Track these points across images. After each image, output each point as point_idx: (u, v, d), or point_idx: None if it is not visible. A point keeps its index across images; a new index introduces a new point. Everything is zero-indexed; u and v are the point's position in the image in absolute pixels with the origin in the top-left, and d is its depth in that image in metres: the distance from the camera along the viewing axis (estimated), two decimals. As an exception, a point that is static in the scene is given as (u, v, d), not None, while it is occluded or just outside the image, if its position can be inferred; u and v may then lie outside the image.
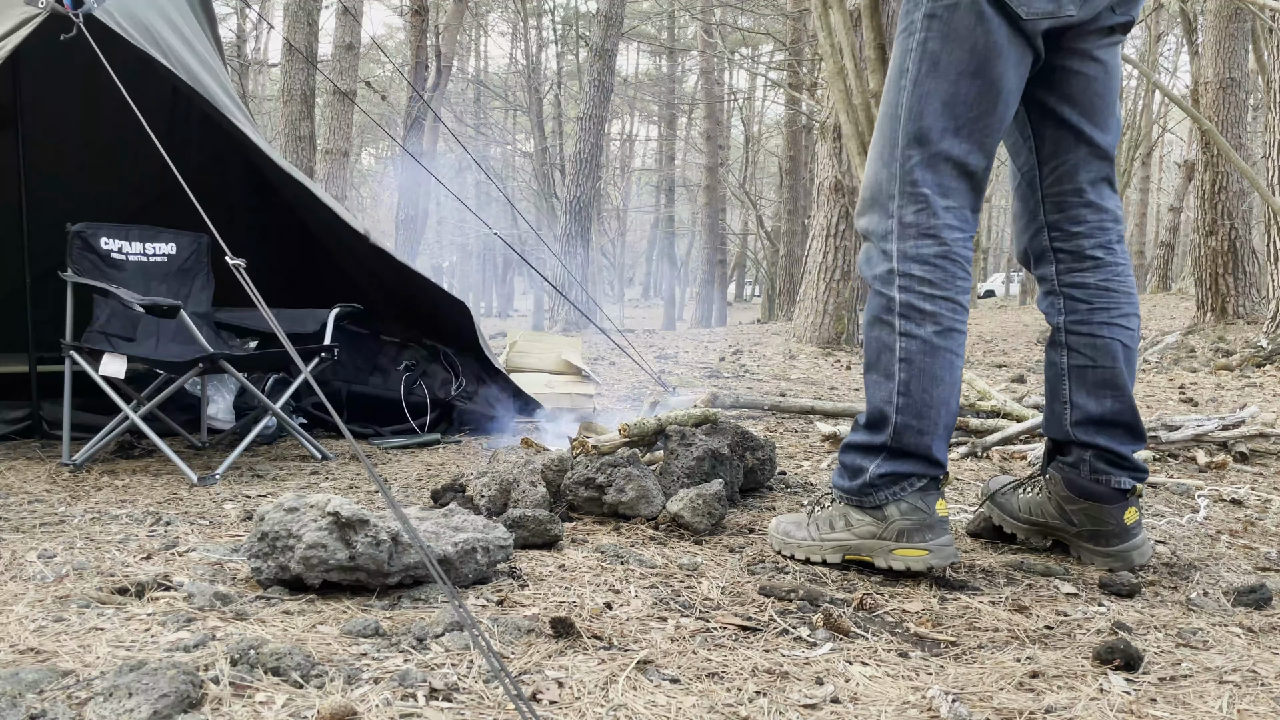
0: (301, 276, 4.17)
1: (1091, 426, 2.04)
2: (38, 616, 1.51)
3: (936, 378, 1.84)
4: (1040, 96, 2.01)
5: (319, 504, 1.69)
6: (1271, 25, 7.65)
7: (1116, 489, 2.01)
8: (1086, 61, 1.96)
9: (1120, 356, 2.03)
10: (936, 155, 1.87)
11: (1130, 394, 2.04)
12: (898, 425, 1.86)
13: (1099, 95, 1.99)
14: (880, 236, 1.91)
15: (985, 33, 1.82)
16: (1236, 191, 8.63)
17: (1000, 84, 1.85)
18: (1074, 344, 2.05)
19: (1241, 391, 5.65)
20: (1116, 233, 2.07)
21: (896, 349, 1.86)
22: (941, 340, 1.85)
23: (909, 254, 1.86)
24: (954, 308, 1.87)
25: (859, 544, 1.90)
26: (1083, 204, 2.04)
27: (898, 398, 1.85)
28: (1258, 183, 3.77)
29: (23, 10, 3.05)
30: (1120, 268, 2.05)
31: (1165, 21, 23.89)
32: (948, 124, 1.86)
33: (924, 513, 1.85)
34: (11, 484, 2.78)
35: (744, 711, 1.26)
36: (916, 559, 1.84)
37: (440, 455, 3.56)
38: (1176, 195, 22.49)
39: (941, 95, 1.86)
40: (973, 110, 1.86)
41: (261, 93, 26.34)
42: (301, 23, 10.88)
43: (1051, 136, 2.03)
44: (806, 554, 1.97)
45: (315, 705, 1.19)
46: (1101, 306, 2.04)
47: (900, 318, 1.86)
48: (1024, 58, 1.87)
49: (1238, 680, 1.42)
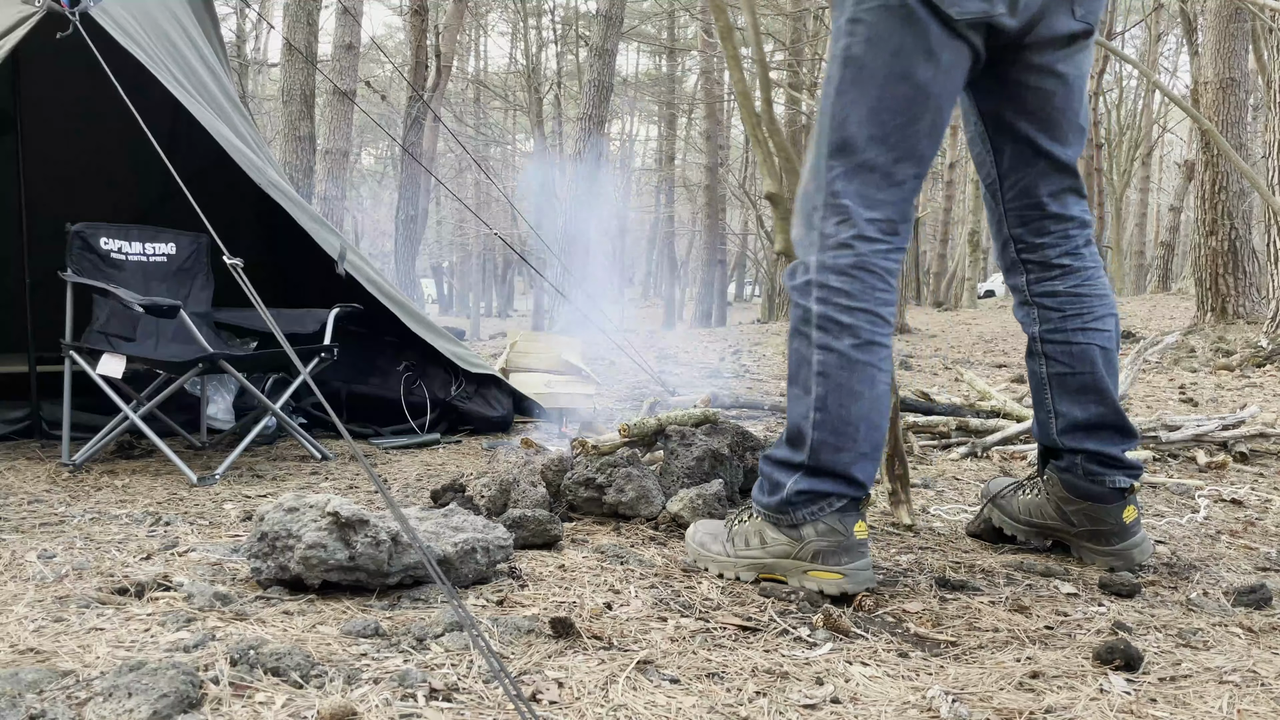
0: (302, 276, 4.16)
1: (1079, 432, 2.03)
2: (38, 616, 1.51)
3: (855, 393, 1.78)
4: (998, 111, 1.99)
5: (319, 504, 1.69)
6: (1271, 25, 7.65)
7: (1113, 488, 2.01)
8: (1045, 76, 1.92)
9: (1098, 360, 2.02)
10: (860, 165, 1.81)
11: (1113, 396, 2.03)
12: (815, 442, 1.79)
13: (1058, 109, 1.95)
14: (803, 248, 1.86)
15: (912, 36, 1.76)
16: (1236, 191, 8.63)
17: (929, 89, 1.78)
18: (1051, 352, 2.05)
19: (1241, 391, 5.65)
20: (1083, 237, 2.06)
21: (814, 362, 1.80)
22: (860, 354, 1.79)
23: (826, 265, 1.81)
24: (874, 320, 1.81)
25: (773, 563, 1.84)
26: (1045, 216, 2.03)
27: (814, 414, 1.79)
28: (1258, 183, 3.77)
29: (20, 9, 3.05)
30: (1089, 272, 2.04)
31: (1165, 21, 23.89)
32: (873, 131, 1.79)
33: (841, 535, 1.78)
34: (11, 484, 2.78)
35: (744, 711, 1.26)
36: (830, 582, 1.77)
37: (440, 455, 3.56)
38: (1176, 195, 22.50)
39: (867, 102, 1.79)
40: (899, 117, 1.79)
41: (261, 93, 26.34)
42: (301, 23, 10.88)
43: (1011, 151, 2.01)
44: (720, 569, 1.90)
45: (315, 705, 1.19)
46: (1074, 313, 2.03)
47: (817, 330, 1.80)
48: (960, 60, 1.80)
49: (1238, 680, 1.42)
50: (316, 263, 3.66)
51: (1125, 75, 25.88)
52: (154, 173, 3.18)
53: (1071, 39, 1.90)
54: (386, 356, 4.22)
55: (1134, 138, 25.60)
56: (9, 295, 3.68)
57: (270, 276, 3.76)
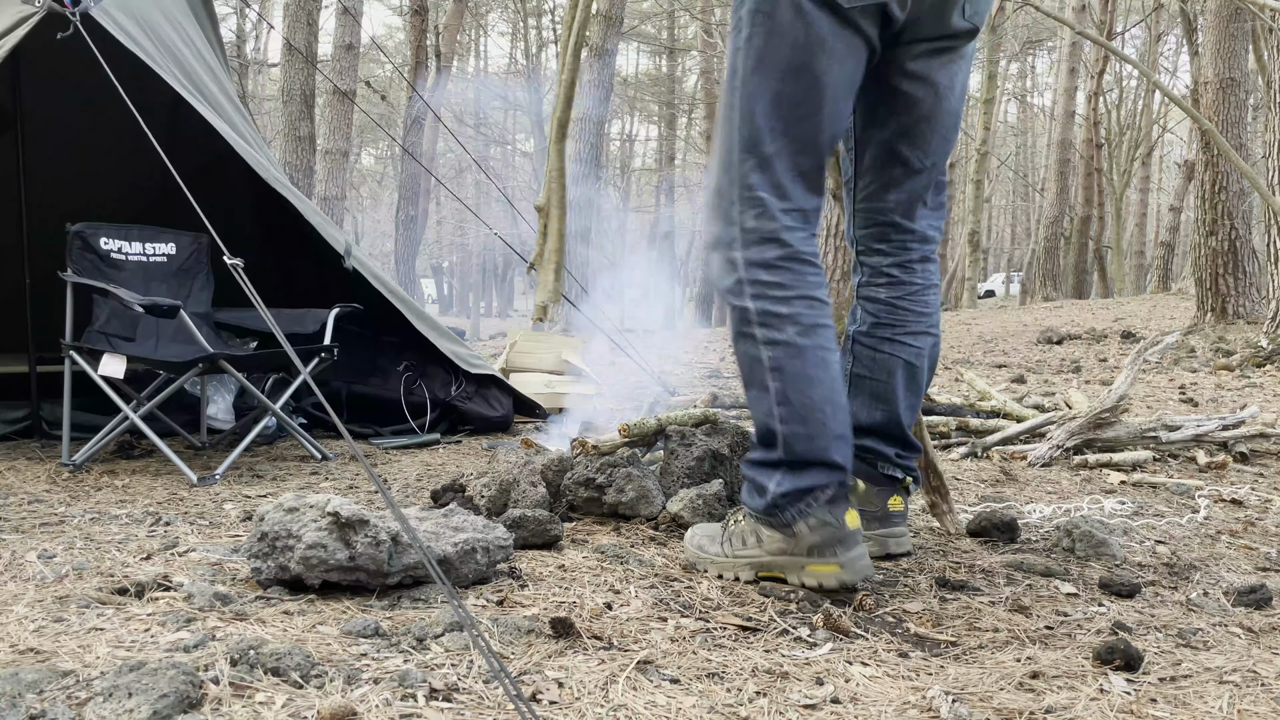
0: (302, 276, 4.16)
1: (861, 431, 2.06)
2: (38, 616, 1.51)
3: (811, 379, 1.79)
4: (869, 109, 2.00)
5: (319, 504, 1.69)
6: (1271, 25, 7.65)
7: (883, 474, 2.07)
8: (917, 83, 1.92)
9: (898, 374, 2.05)
10: (768, 157, 1.82)
11: (898, 411, 2.05)
12: (786, 436, 1.79)
13: (924, 118, 1.95)
14: (726, 245, 1.85)
15: (806, 26, 1.76)
16: (1236, 191, 8.63)
17: (825, 79, 1.78)
18: (857, 353, 2.09)
19: (1241, 391, 5.65)
20: (921, 253, 2.06)
21: (764, 359, 1.80)
22: (806, 339, 1.80)
23: (754, 260, 1.81)
24: (812, 304, 1.82)
25: (771, 560, 1.85)
26: (887, 224, 2.05)
27: (778, 408, 1.80)
28: (1258, 183, 3.77)
29: (20, 9, 3.05)
30: (916, 288, 2.06)
31: (1165, 21, 23.88)
32: (775, 123, 1.80)
33: (834, 526, 1.78)
34: (11, 484, 2.78)
35: (744, 711, 1.26)
36: (829, 575, 1.78)
37: (440, 455, 3.56)
38: (1176, 195, 22.49)
39: (769, 94, 1.80)
40: (800, 109, 1.79)
41: (261, 93, 26.33)
42: (301, 23, 10.89)
43: (871, 152, 2.02)
44: (720, 570, 1.90)
45: (315, 705, 1.19)
46: (887, 323, 2.06)
47: (760, 326, 1.80)
48: (853, 50, 1.80)
49: (1238, 680, 1.42)
50: (316, 262, 3.66)
51: (1125, 75, 25.89)
52: (154, 172, 3.18)
53: (954, 41, 1.90)
54: (387, 356, 4.22)
55: (1134, 138, 25.58)
56: (9, 295, 3.68)
57: (270, 276, 3.75)
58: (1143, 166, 26.34)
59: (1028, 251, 26.65)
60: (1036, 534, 2.32)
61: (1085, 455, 3.33)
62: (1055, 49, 26.41)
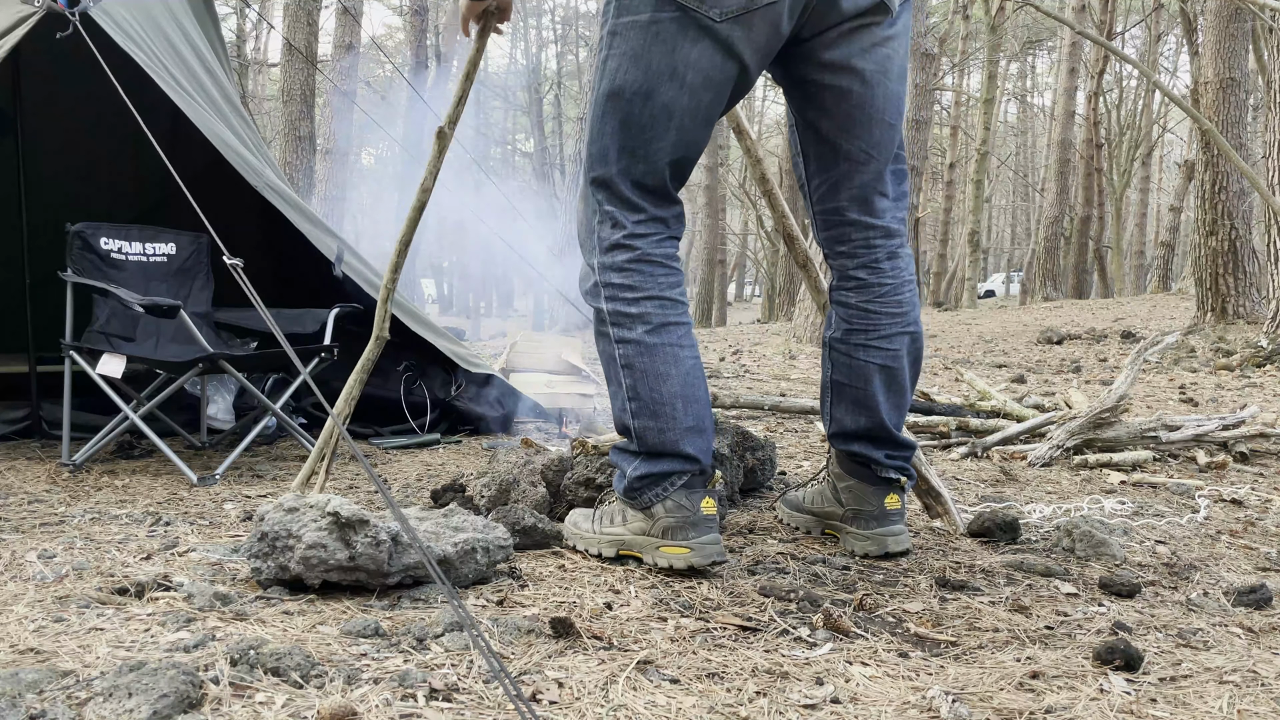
0: (302, 276, 4.16)
1: (848, 437, 2.11)
2: (38, 616, 1.51)
3: (662, 374, 1.86)
4: (801, 112, 1.99)
5: (319, 504, 1.69)
6: (1271, 25, 7.65)
7: (877, 475, 2.09)
8: (839, 73, 1.89)
9: (874, 379, 2.04)
10: (614, 177, 1.88)
11: (881, 416, 2.06)
12: (638, 429, 1.88)
13: (857, 107, 1.92)
14: (587, 251, 1.95)
15: (663, 52, 1.78)
16: (1236, 191, 8.62)
17: (674, 105, 1.80)
18: (835, 360, 2.10)
19: (1241, 391, 5.65)
20: (886, 249, 2.04)
21: (617, 356, 1.89)
22: (655, 338, 1.86)
23: (607, 265, 1.89)
24: (662, 304, 1.88)
25: (631, 539, 1.93)
26: (845, 223, 2.03)
27: (630, 403, 1.88)
28: (1258, 183, 3.77)
29: (20, 9, 3.05)
30: (887, 288, 2.03)
31: (1165, 21, 23.90)
32: (624, 144, 1.85)
33: (688, 510, 1.86)
34: (11, 484, 2.78)
35: (744, 711, 1.26)
36: (679, 556, 1.85)
37: (440, 455, 3.56)
38: (1176, 195, 22.50)
39: (618, 116, 1.84)
40: (647, 132, 1.83)
41: (261, 93, 26.32)
42: (301, 23, 10.89)
43: (815, 153, 2.02)
44: (585, 545, 2.00)
45: (315, 705, 1.19)
46: (859, 329, 2.05)
47: (612, 326, 1.89)
48: (719, 68, 1.79)
49: (1238, 680, 1.42)
50: (316, 263, 3.65)
51: (1125, 75, 25.89)
52: (154, 172, 3.18)
53: (861, 20, 1.84)
54: (387, 356, 4.20)
55: (1134, 138, 25.58)
56: (9, 295, 3.68)
57: (270, 276, 3.75)
58: (1143, 166, 26.34)
59: (1028, 251, 26.63)
60: (1036, 534, 2.32)
61: (1085, 455, 3.33)
62: (1055, 49, 26.44)
